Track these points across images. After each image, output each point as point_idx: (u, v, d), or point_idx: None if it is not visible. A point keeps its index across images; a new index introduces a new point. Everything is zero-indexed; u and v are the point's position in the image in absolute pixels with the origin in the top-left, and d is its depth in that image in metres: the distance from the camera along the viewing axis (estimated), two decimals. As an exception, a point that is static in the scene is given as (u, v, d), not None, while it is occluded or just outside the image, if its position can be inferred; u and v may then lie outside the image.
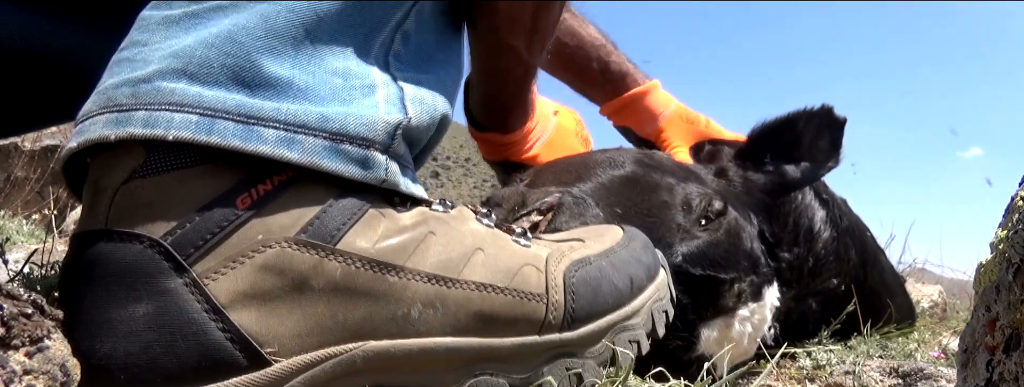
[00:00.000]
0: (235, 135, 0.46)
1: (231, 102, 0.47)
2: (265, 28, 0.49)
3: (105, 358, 0.42)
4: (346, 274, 0.48)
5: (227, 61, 0.47)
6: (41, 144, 3.23)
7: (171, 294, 0.43)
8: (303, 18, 0.50)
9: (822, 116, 0.98)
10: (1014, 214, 0.45)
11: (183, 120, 0.45)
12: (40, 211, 2.75)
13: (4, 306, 0.37)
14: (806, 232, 0.99)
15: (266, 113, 0.47)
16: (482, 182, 30.40)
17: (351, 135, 0.49)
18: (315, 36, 0.50)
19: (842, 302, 1.02)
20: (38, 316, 0.39)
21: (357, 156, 0.49)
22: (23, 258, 0.77)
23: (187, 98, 0.46)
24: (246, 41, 0.48)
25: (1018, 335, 0.42)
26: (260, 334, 0.45)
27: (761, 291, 0.87)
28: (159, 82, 0.47)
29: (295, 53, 0.49)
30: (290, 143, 0.47)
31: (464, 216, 0.57)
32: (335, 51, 0.51)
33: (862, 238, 1.12)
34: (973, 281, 0.48)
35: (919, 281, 1.77)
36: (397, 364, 0.49)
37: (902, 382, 0.81)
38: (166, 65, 0.47)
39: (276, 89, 0.48)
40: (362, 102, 0.51)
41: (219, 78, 0.47)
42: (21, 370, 0.36)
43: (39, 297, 0.40)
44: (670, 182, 0.85)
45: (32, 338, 0.38)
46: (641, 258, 0.65)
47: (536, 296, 0.55)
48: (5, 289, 0.39)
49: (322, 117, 0.48)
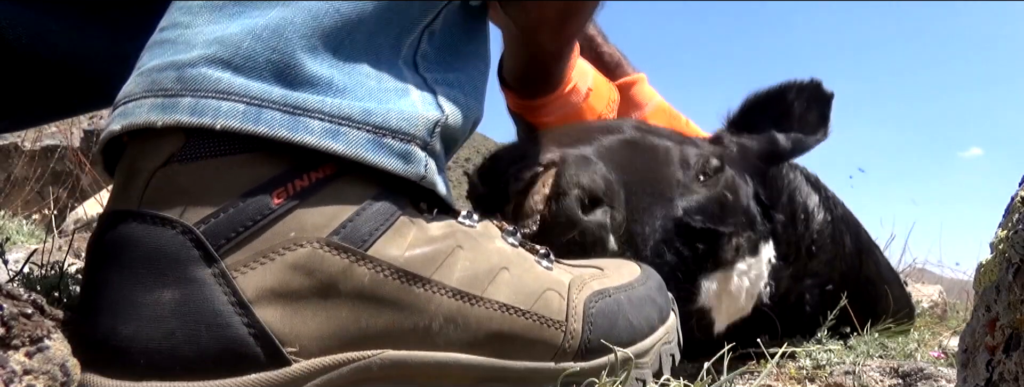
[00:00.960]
0: (282, 125, 0.46)
1: (276, 93, 0.47)
2: (313, 26, 0.49)
3: (127, 341, 0.42)
4: (374, 281, 0.47)
5: (272, 56, 0.47)
6: (41, 144, 3.23)
7: (199, 283, 0.43)
8: (347, 19, 0.50)
9: (811, 90, 1.00)
10: (1014, 214, 0.45)
11: (231, 109, 0.45)
12: (40, 211, 2.75)
13: (4, 306, 0.37)
14: (802, 210, 1.00)
15: (311, 104, 0.47)
16: (482, 182, 30.34)
17: (393, 129, 0.49)
18: (355, 37, 0.50)
19: (838, 288, 1.03)
20: (38, 316, 0.39)
21: (399, 150, 0.49)
22: (23, 258, 0.77)
23: (234, 87, 0.46)
24: (293, 38, 0.48)
25: (1018, 335, 0.42)
26: (283, 332, 0.44)
27: (758, 247, 0.89)
28: (204, 68, 0.46)
29: (334, 53, 0.49)
30: (335, 134, 0.47)
31: (490, 233, 0.57)
32: (370, 53, 0.51)
33: (856, 228, 1.13)
34: (973, 281, 0.48)
35: (919, 281, 1.77)
36: (411, 375, 0.49)
37: (902, 382, 0.81)
38: (212, 52, 0.47)
39: (317, 88, 0.48)
40: (398, 102, 0.51)
41: (263, 72, 0.47)
42: (21, 370, 0.36)
43: (39, 297, 0.40)
44: (668, 144, 0.87)
45: (32, 338, 0.38)
46: (656, 298, 0.65)
47: (556, 323, 0.55)
48: (5, 289, 0.39)
49: (365, 111, 0.48)
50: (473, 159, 11.34)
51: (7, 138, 3.23)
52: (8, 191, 3.03)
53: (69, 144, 3.12)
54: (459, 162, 4.94)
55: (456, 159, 9.01)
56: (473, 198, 0.80)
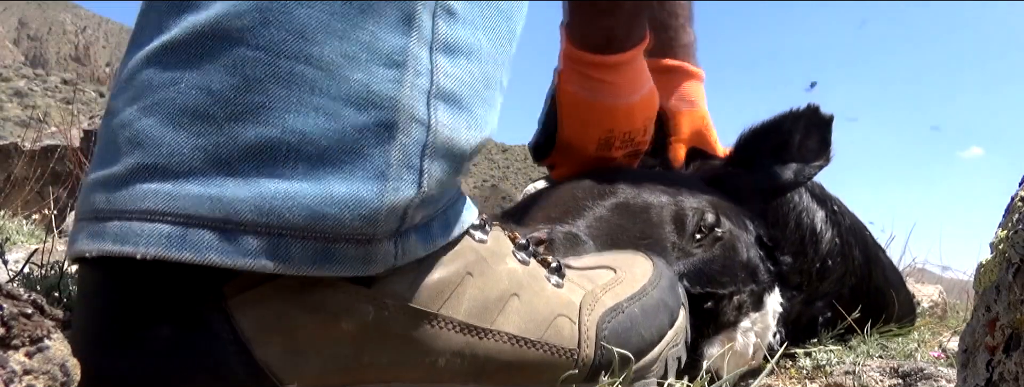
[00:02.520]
0: (211, 247, 0.41)
1: (206, 202, 0.41)
2: (243, 76, 0.41)
3: (122, 377, 0.41)
4: (379, 319, 0.45)
5: (198, 141, 0.41)
6: (41, 144, 3.23)
7: (198, 319, 0.42)
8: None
9: (809, 116, 0.97)
10: (1014, 214, 0.45)
11: (153, 232, 0.41)
12: (40, 211, 2.74)
13: (4, 306, 0.37)
14: (810, 234, 0.98)
15: (244, 215, 0.41)
16: (482, 182, 30.40)
17: (347, 233, 0.42)
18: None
19: (848, 301, 1.02)
20: (38, 316, 0.39)
21: (355, 255, 0.43)
22: (23, 258, 0.77)
23: (158, 200, 0.41)
24: (217, 110, 0.41)
25: (1018, 335, 0.42)
26: (282, 371, 0.43)
27: (762, 300, 0.87)
28: (132, 182, 0.42)
29: (286, 86, 0.42)
30: (275, 252, 0.41)
31: (502, 250, 0.54)
32: (358, 40, 0.43)
33: (863, 236, 1.11)
34: (973, 281, 0.48)
35: (919, 281, 1.77)
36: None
37: (902, 382, 0.81)
38: (136, 159, 0.42)
39: (259, 160, 0.41)
40: (362, 184, 0.42)
41: (190, 164, 0.41)
42: (21, 370, 0.36)
43: (39, 297, 0.40)
44: (661, 200, 0.84)
45: (32, 338, 0.38)
46: (668, 301, 0.64)
47: (567, 351, 0.54)
48: (5, 289, 0.39)
49: (312, 215, 0.41)
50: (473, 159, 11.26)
51: (7, 138, 3.23)
52: (8, 191, 3.03)
53: (69, 144, 3.12)
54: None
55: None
56: None
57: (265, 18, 0.41)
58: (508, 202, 1.02)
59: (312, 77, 0.42)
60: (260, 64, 0.41)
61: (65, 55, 62.30)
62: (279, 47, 0.41)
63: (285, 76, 0.42)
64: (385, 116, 0.43)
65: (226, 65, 0.41)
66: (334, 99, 0.42)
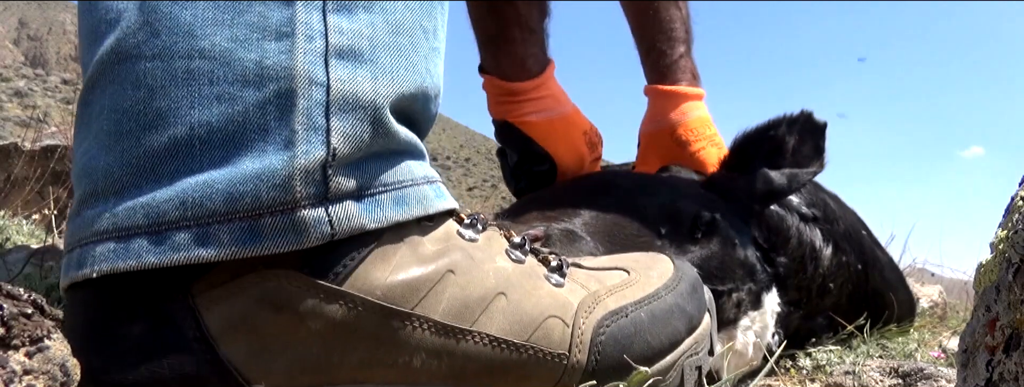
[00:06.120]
0: (148, 251, 0.42)
1: (140, 211, 0.43)
2: (146, 88, 0.44)
3: (99, 372, 0.42)
4: (347, 317, 0.44)
5: (124, 158, 0.43)
6: (41, 144, 3.23)
7: (167, 318, 0.43)
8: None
9: (803, 122, 0.97)
10: (1014, 214, 0.45)
11: (103, 251, 0.43)
12: (40, 211, 2.74)
13: (4, 306, 0.37)
14: (809, 249, 0.97)
15: (171, 215, 0.42)
16: (482, 182, 30.39)
17: (267, 206, 0.42)
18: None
19: (846, 308, 1.02)
20: (38, 316, 0.39)
21: (283, 227, 0.43)
22: (23, 258, 0.77)
23: (103, 222, 0.43)
24: (127, 124, 0.44)
25: (1018, 335, 0.42)
26: (249, 369, 0.43)
27: (760, 298, 0.87)
28: (83, 209, 0.45)
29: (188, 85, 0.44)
30: (205, 240, 0.42)
31: (492, 249, 0.52)
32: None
33: (859, 240, 1.10)
34: (973, 281, 0.48)
35: (919, 281, 1.77)
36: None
37: (902, 382, 0.81)
38: (84, 188, 0.45)
39: (177, 160, 0.43)
40: (261, 158, 0.43)
41: (122, 181, 0.43)
42: (21, 370, 0.36)
43: (39, 297, 0.40)
44: (656, 200, 0.84)
45: (32, 338, 0.38)
46: (685, 306, 0.59)
47: (556, 355, 0.50)
48: (5, 289, 0.39)
49: (229, 197, 0.42)
50: (473, 159, 11.21)
51: (7, 138, 3.23)
52: (8, 191, 3.03)
53: (69, 144, 3.12)
54: (460, 162, 4.89)
55: (457, 159, 9.07)
56: None
57: (154, 29, 0.43)
58: (508, 202, 1.02)
59: (207, 69, 0.43)
60: (158, 71, 0.43)
61: (65, 55, 62.34)
62: (171, 50, 0.43)
63: (182, 75, 0.43)
64: (282, 86, 0.43)
65: (131, 82, 0.43)
66: (231, 84, 0.43)
